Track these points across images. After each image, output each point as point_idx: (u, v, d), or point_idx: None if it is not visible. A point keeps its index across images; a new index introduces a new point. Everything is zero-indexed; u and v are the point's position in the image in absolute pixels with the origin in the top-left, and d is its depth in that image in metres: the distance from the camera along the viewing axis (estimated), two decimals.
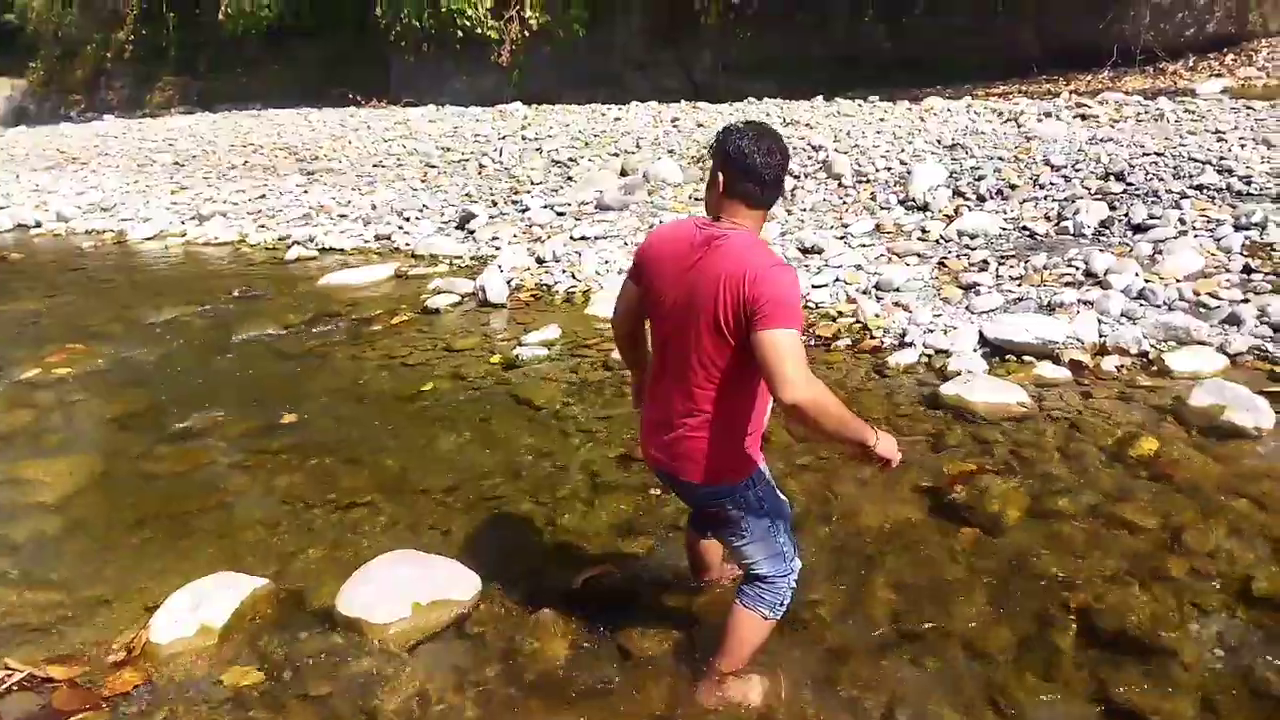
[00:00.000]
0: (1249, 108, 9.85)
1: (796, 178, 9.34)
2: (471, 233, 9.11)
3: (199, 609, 3.19)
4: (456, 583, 3.26)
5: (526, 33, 23.79)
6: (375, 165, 13.68)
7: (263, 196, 12.34)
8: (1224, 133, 8.51)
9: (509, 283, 7.28)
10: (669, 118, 14.59)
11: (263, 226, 10.67)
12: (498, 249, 8.43)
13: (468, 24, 23.68)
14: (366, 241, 9.43)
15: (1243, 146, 7.86)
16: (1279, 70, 16.01)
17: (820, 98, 15.48)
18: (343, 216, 10.54)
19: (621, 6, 23.47)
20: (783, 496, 2.68)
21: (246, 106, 27.49)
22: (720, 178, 2.32)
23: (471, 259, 8.40)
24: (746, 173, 2.28)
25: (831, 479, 3.95)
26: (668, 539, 3.55)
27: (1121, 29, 17.94)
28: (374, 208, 10.73)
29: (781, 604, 2.62)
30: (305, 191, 12.28)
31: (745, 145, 2.27)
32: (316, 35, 29.70)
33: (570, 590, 3.28)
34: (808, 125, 11.87)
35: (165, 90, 32.87)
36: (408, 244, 9.06)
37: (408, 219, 9.91)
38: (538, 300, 7.07)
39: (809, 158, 9.95)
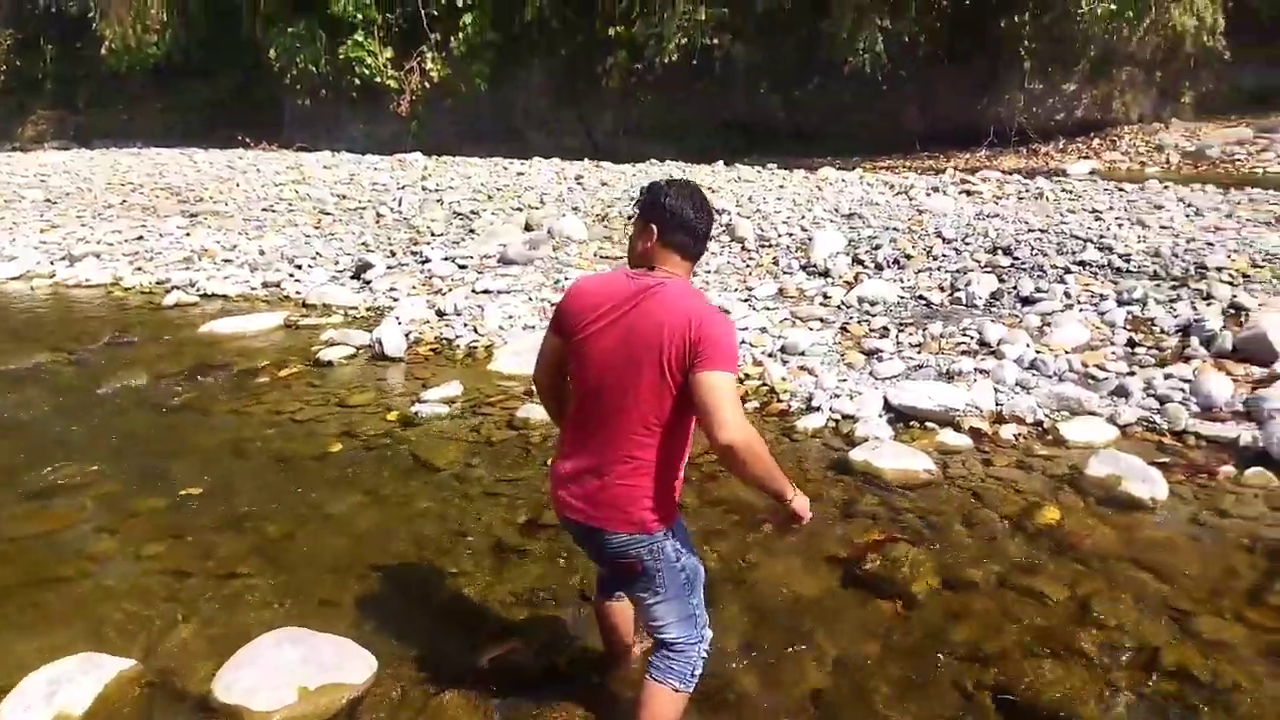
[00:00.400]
0: (1121, 189, 10.52)
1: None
2: (368, 283, 8.81)
3: (56, 695, 2.84)
4: (348, 664, 3.00)
5: (427, 84, 23.66)
6: (265, 209, 13.18)
7: (140, 238, 11.69)
8: (1100, 212, 9.03)
9: (407, 335, 7.03)
10: (573, 174, 14.64)
11: (139, 269, 10.07)
12: (395, 300, 8.16)
13: (366, 72, 23.39)
14: (253, 288, 8.99)
15: (1120, 226, 8.34)
16: (1140, 155, 17.27)
17: (721, 163, 15.82)
18: (227, 261, 10.05)
19: (524, 64, 23.64)
20: (697, 554, 2.59)
21: (128, 144, 26.36)
22: (654, 229, 2.36)
23: (367, 310, 8.10)
24: (682, 225, 2.35)
25: (744, 548, 3.85)
26: (579, 611, 3.37)
27: (997, 111, 19.12)
28: (262, 253, 10.28)
29: (692, 674, 2.51)
30: (187, 234, 11.70)
31: (679, 199, 2.36)
32: (206, 75, 28.85)
33: (474, 670, 3.06)
34: (710, 189, 12.07)
35: (39, 124, 31.30)
36: (298, 292, 8.68)
37: (299, 266, 9.52)
38: (437, 355, 6.83)
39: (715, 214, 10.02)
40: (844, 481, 4.46)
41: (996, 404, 5.17)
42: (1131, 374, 5.40)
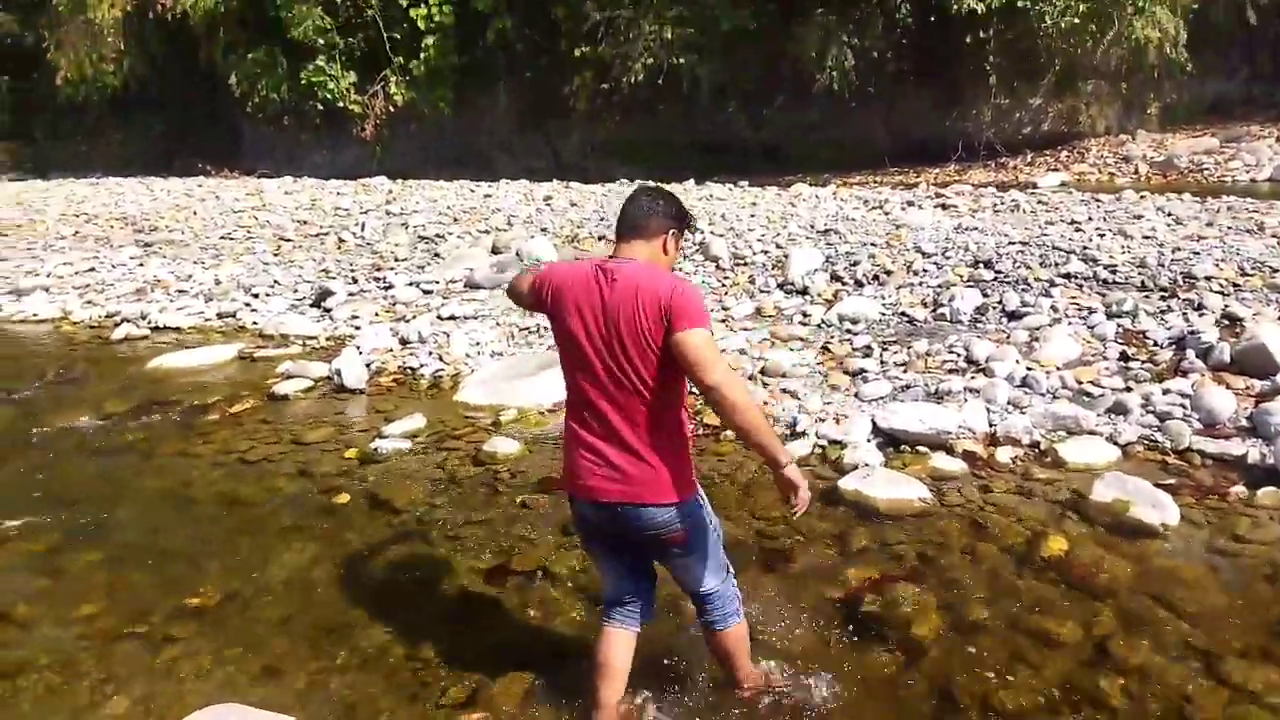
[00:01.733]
0: (1097, 200, 10.40)
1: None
2: (328, 311, 8.44)
3: None
4: None
5: (391, 108, 23.34)
6: (222, 237, 12.76)
7: (92, 269, 11.23)
8: (1080, 223, 8.88)
9: (369, 366, 6.68)
10: (541, 196, 14.38)
11: (90, 302, 9.63)
12: (357, 329, 7.81)
13: (329, 97, 23.02)
14: (208, 319, 8.59)
15: (1102, 236, 8.17)
16: (1109, 167, 17.30)
17: (691, 181, 15.64)
18: (182, 292, 9.63)
19: (489, 87, 23.40)
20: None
21: (86, 174, 25.76)
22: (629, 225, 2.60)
23: (328, 339, 7.73)
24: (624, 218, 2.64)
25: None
26: (555, 668, 3.04)
27: (965, 126, 19.12)
28: (218, 283, 9.88)
29: (739, 603, 2.78)
30: (141, 264, 11.26)
31: (640, 197, 2.65)
32: (165, 103, 28.33)
33: None
34: None
35: None
36: (255, 323, 8.29)
37: (256, 295, 9.13)
38: (401, 385, 6.48)
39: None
40: (835, 514, 4.18)
41: (990, 425, 4.93)
42: (1128, 389, 5.18)
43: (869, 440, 4.85)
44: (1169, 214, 9.67)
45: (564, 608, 3.49)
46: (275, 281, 9.67)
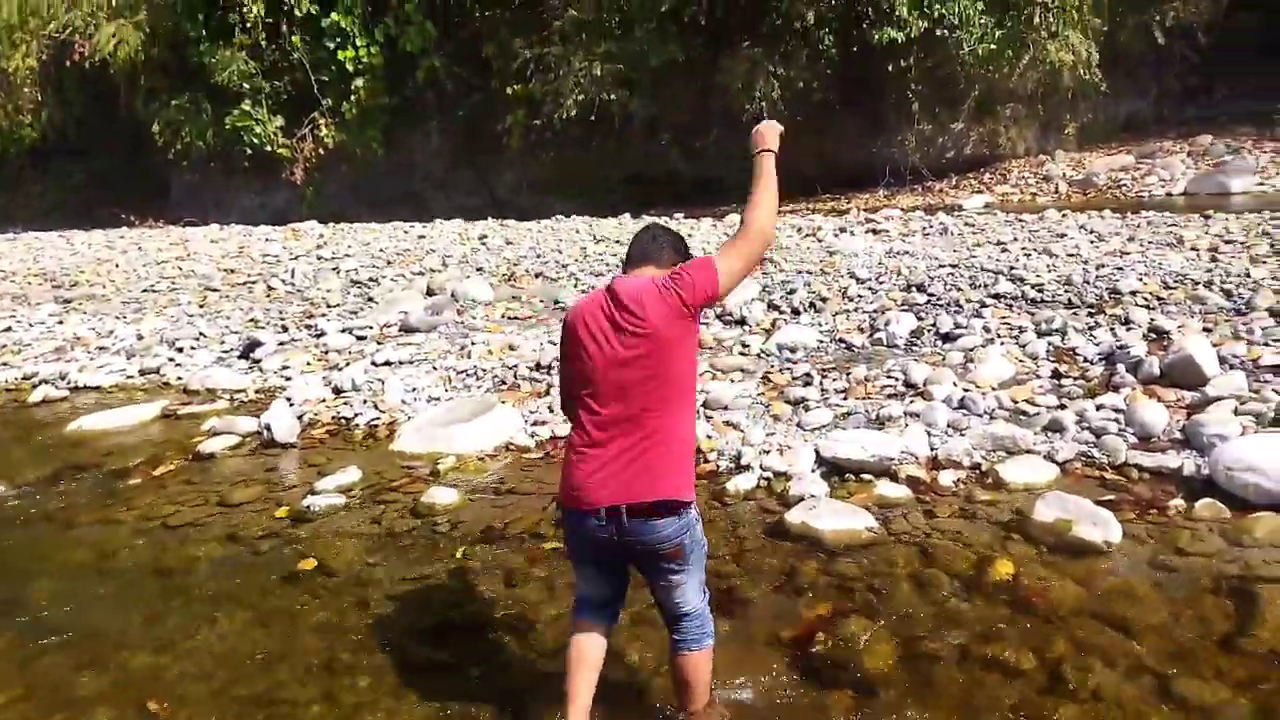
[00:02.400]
0: (1020, 220, 10.63)
1: None
2: (257, 362, 8.19)
3: None
4: None
5: (321, 150, 23.03)
6: (145, 290, 12.36)
7: (8, 329, 10.77)
8: (1006, 244, 9.06)
9: (300, 417, 6.46)
10: (476, 234, 14.26)
11: (5, 364, 9.21)
12: (288, 379, 7.57)
13: (256, 141, 22.65)
14: (130, 377, 8.26)
15: (1028, 256, 8.34)
16: (1030, 186, 17.78)
17: (627, 215, 15.66)
18: (103, 349, 9.27)
19: (421, 126, 23.28)
20: None
21: (4, 229, 24.89)
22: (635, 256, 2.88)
23: (257, 392, 7.48)
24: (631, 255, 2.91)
25: None
26: None
27: (891, 152, 19.53)
28: (141, 338, 9.53)
29: (712, 625, 2.88)
30: (60, 322, 10.83)
31: (647, 236, 2.95)
32: (86, 154, 27.60)
33: None
34: (617, 242, 11.81)
35: None
36: (179, 378, 7.99)
37: (180, 349, 8.82)
38: (334, 436, 6.28)
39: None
40: (783, 548, 4.11)
41: (931, 448, 4.93)
42: (1062, 407, 5.23)
43: (813, 470, 4.82)
44: (1091, 231, 9.93)
45: (510, 666, 3.35)
46: (201, 334, 9.37)
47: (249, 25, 21.54)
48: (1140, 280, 7.23)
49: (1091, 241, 9.26)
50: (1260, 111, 18.62)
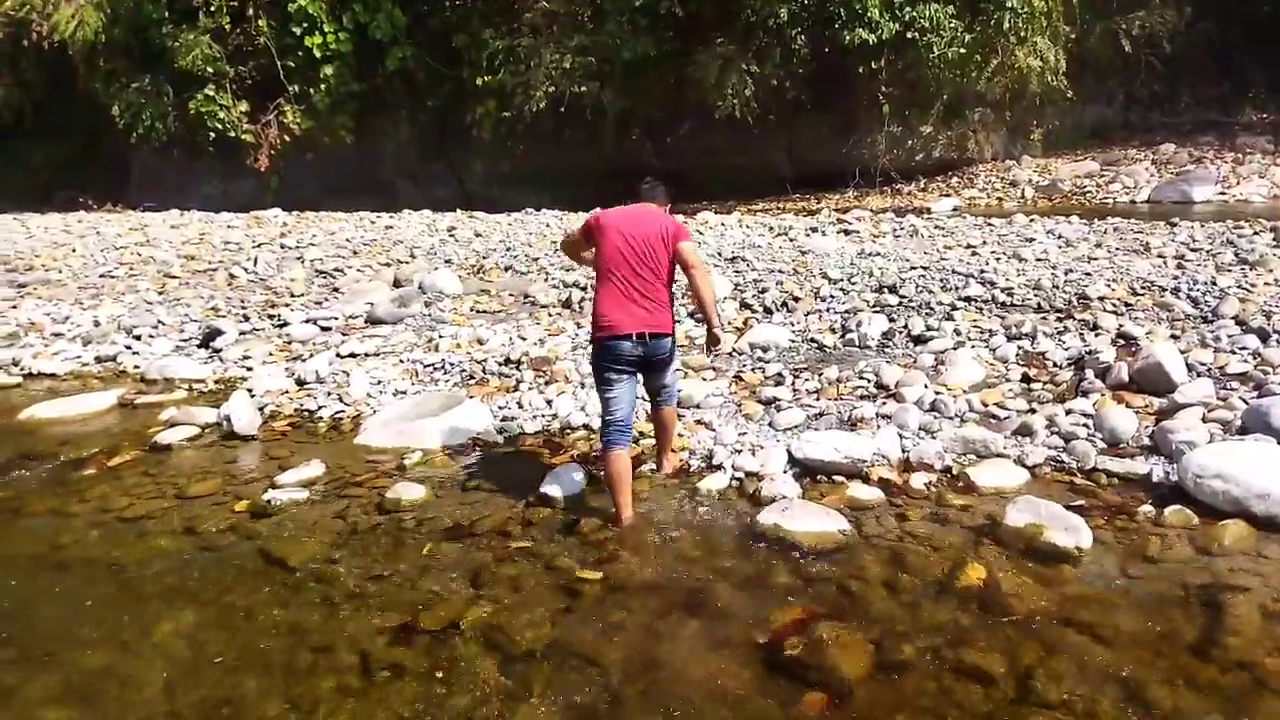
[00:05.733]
0: (989, 224, 10.70)
1: (584, 289, 9.03)
2: (217, 351, 8.00)
3: None
4: None
5: (287, 137, 22.63)
6: (103, 276, 12.05)
7: None
8: (975, 247, 9.11)
9: (262, 409, 6.32)
10: (445, 226, 14.09)
11: None
12: (249, 370, 7.41)
13: (219, 127, 22.20)
14: (85, 364, 8.04)
15: (998, 260, 8.38)
16: (997, 191, 17.96)
17: (598, 208, 15.51)
18: (57, 335, 9.02)
19: (391, 115, 22.98)
20: None
21: None
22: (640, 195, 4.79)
23: (216, 382, 7.31)
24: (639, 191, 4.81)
25: (651, 639, 3.40)
26: None
27: (861, 153, 19.63)
28: (97, 324, 9.28)
29: (672, 392, 4.75)
30: (14, 307, 10.52)
31: (645, 183, 4.83)
32: (45, 136, 26.88)
33: None
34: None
35: None
36: (137, 367, 7.78)
37: (138, 337, 8.60)
38: (297, 429, 6.13)
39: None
40: (755, 550, 4.07)
41: (903, 450, 4.92)
42: (1032, 411, 5.25)
43: (785, 471, 4.78)
44: (1059, 236, 10.02)
45: (476, 668, 3.27)
46: (159, 322, 9.14)
47: (213, 9, 21.12)
48: (1108, 286, 7.29)
49: (1059, 246, 9.34)
50: (1221, 122, 18.98)
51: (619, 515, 4.27)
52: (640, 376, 4.46)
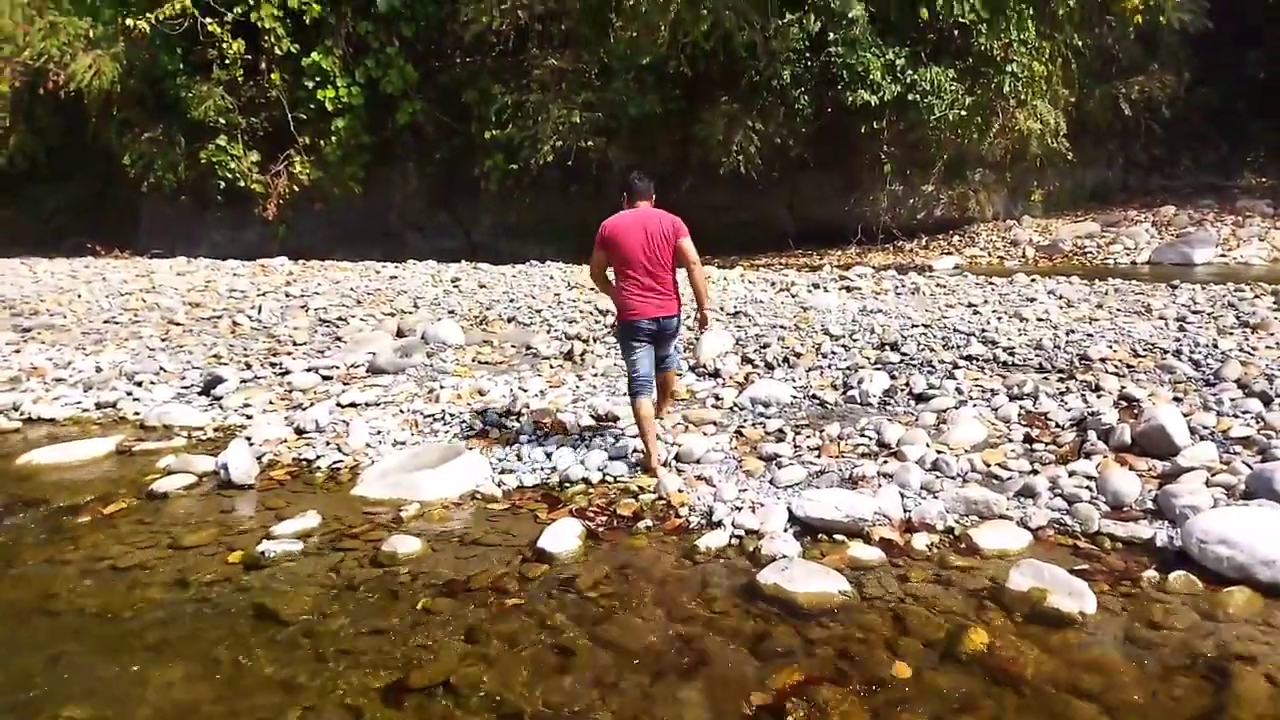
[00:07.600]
0: (991, 283, 10.74)
1: (585, 341, 9.04)
2: (218, 399, 7.99)
3: None
4: None
5: (296, 187, 22.88)
6: (107, 321, 12.09)
7: None
8: (977, 305, 9.13)
9: (260, 458, 6.28)
10: (449, 277, 14.16)
11: None
12: (249, 418, 7.39)
13: (230, 176, 22.47)
14: (85, 410, 8.02)
15: (999, 319, 8.39)
16: (998, 250, 18.07)
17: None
18: (59, 380, 9.01)
19: (399, 167, 23.25)
20: None
21: None
22: (626, 196, 5.78)
23: (216, 430, 7.28)
24: (633, 189, 5.78)
25: (645, 702, 3.34)
26: None
27: (863, 211, 19.78)
28: (99, 370, 9.29)
29: (681, 355, 6.60)
30: (17, 351, 10.54)
31: (636, 178, 5.82)
32: (57, 181, 27.21)
33: None
34: (591, 289, 11.78)
35: None
36: (137, 413, 7.76)
37: (139, 384, 8.59)
38: (295, 479, 6.09)
39: (597, 321, 9.73)
40: (755, 610, 4.01)
41: (904, 510, 4.87)
42: (1035, 472, 5.21)
43: (786, 529, 4.73)
44: (1060, 296, 10.05)
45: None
46: (161, 368, 9.14)
47: (227, 61, 21.49)
48: (1110, 347, 7.29)
49: (1061, 307, 9.37)
50: (1221, 185, 19.15)
51: (649, 459, 5.52)
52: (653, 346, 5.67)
